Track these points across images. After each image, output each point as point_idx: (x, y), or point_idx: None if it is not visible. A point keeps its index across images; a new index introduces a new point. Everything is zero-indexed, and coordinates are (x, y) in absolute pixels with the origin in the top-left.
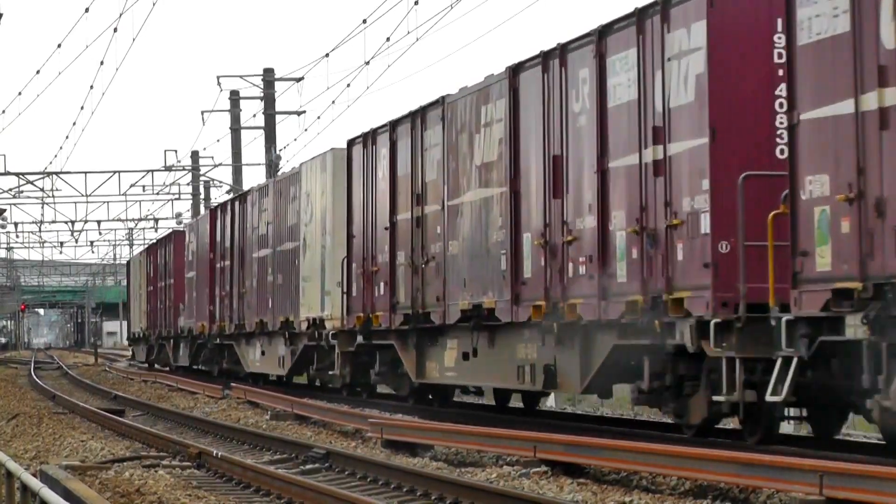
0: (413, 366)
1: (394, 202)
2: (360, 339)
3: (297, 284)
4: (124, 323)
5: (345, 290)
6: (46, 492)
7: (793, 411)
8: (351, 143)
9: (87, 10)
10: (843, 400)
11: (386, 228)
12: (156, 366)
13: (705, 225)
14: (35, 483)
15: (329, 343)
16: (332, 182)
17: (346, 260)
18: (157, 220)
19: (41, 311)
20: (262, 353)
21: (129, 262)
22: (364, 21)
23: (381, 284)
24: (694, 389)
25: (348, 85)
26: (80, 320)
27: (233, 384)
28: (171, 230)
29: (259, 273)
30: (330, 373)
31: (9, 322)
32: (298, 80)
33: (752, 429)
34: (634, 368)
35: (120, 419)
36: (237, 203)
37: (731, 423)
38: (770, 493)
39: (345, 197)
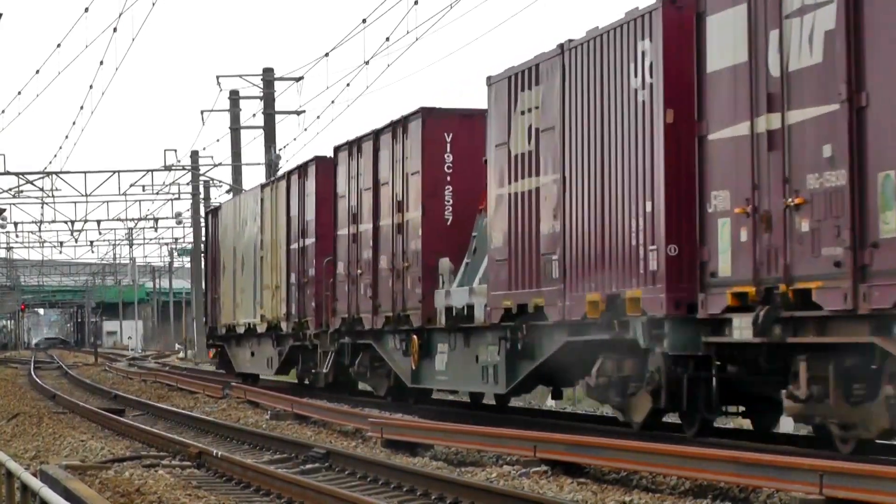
0: None
1: None
2: None
3: None
4: (125, 323)
5: None
6: (46, 491)
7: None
8: None
9: (86, 10)
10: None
11: None
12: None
13: None
14: (35, 483)
15: None
16: None
17: None
18: (156, 220)
19: (41, 310)
20: None
21: (211, 213)
22: (364, 21)
23: None
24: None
25: (348, 84)
26: (79, 320)
27: (233, 383)
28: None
29: None
30: None
31: (9, 322)
32: (298, 79)
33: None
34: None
35: (120, 419)
36: None
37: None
38: (770, 493)
39: None
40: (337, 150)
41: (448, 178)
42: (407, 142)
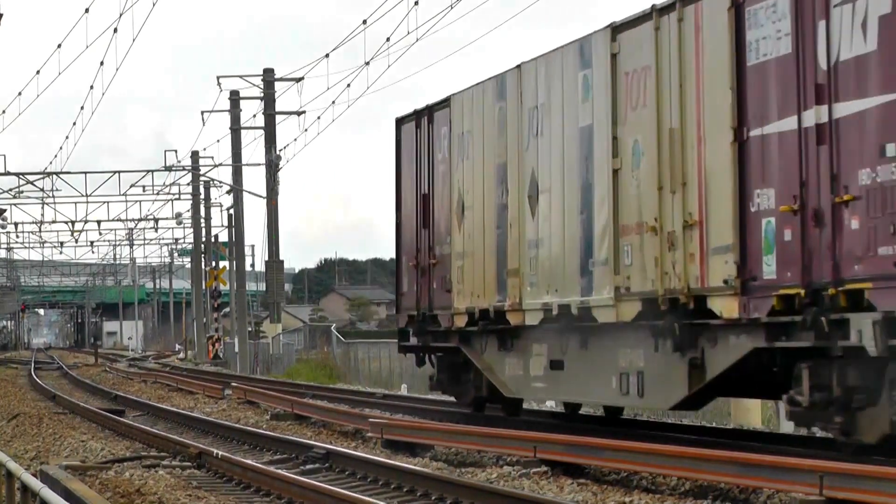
0: None
1: None
2: None
3: None
4: (125, 323)
5: None
6: (47, 492)
7: None
8: None
9: (87, 10)
10: None
11: None
12: None
13: None
14: (35, 483)
15: None
16: None
17: None
18: (157, 220)
19: (41, 311)
20: None
21: (416, 119)
22: (364, 21)
23: None
24: None
25: (348, 85)
26: (80, 320)
27: (233, 384)
28: None
29: None
30: None
31: (9, 322)
32: (298, 80)
33: None
34: None
35: (120, 419)
36: None
37: None
38: (770, 493)
39: None
40: None
41: None
42: None
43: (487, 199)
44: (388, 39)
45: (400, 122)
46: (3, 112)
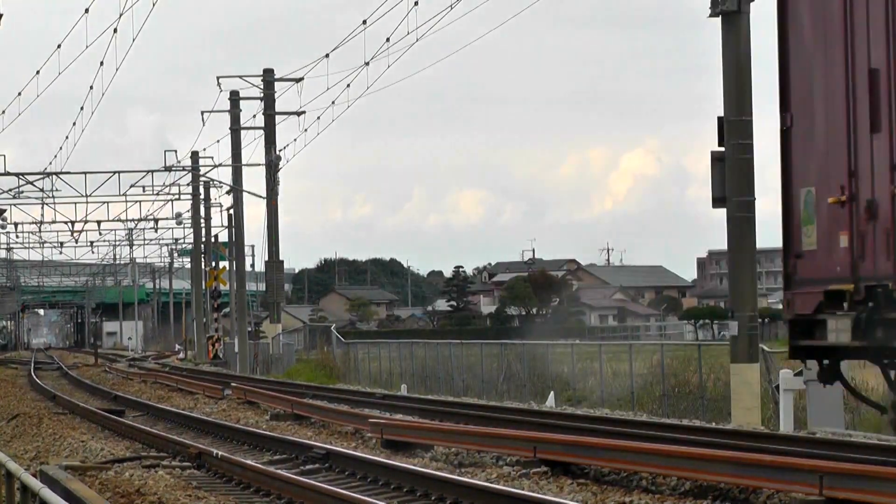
0: None
1: None
2: None
3: None
4: (125, 323)
5: None
6: (46, 492)
7: None
8: None
9: (87, 10)
10: None
11: None
12: None
13: None
14: (35, 483)
15: None
16: None
17: None
18: (157, 221)
19: (41, 311)
20: None
21: None
22: (364, 22)
23: None
24: None
25: (348, 85)
26: (79, 320)
27: (233, 384)
28: None
29: None
30: None
31: (9, 322)
32: (298, 80)
33: None
34: None
35: (120, 419)
36: None
37: None
38: (770, 494)
39: None
40: None
41: None
42: None
43: None
44: (387, 39)
45: None
46: (3, 112)
